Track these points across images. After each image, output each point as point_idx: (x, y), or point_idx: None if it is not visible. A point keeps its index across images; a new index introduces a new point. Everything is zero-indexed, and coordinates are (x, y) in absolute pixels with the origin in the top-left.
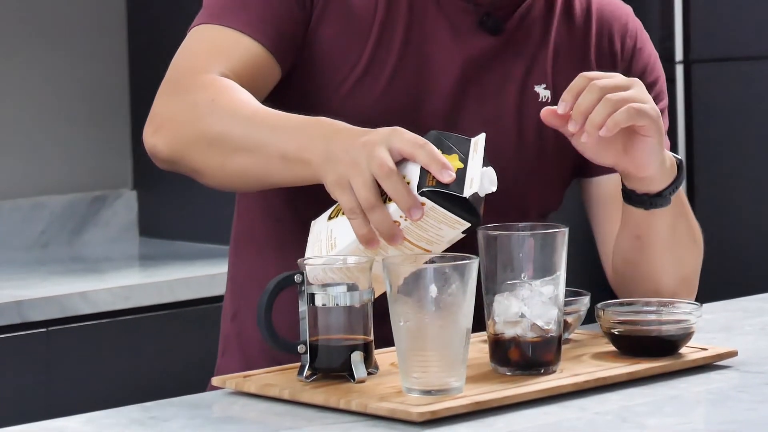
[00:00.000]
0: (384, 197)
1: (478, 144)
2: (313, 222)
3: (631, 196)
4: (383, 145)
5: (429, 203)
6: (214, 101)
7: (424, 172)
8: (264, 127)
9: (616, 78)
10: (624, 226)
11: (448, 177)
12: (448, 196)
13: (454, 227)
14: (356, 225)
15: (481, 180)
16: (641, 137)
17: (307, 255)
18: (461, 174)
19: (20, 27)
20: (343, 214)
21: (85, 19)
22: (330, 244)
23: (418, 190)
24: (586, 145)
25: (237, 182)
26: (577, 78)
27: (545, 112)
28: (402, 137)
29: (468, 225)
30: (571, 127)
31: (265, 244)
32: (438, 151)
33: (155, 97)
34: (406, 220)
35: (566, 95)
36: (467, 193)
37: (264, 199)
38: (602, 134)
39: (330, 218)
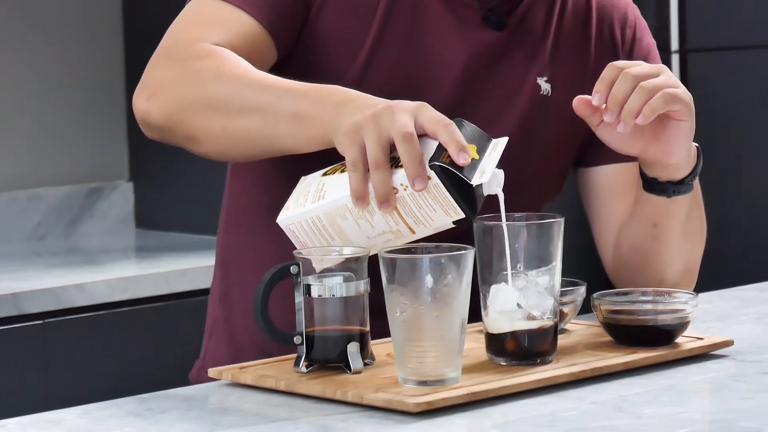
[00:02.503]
0: (391, 164)
1: (498, 145)
2: (303, 177)
3: (652, 185)
4: (409, 113)
5: (435, 179)
6: (220, 67)
7: (440, 150)
8: (275, 89)
9: (644, 65)
10: (639, 214)
11: (463, 159)
12: (456, 179)
13: (448, 213)
14: (354, 179)
15: (490, 177)
16: (675, 122)
17: (289, 203)
18: (474, 163)
19: (15, 19)
20: (341, 172)
21: (81, 12)
22: (318, 195)
23: (429, 163)
24: (616, 135)
25: (237, 147)
26: (607, 68)
27: (578, 102)
28: (429, 112)
29: (461, 216)
30: (607, 118)
31: (258, 228)
32: (460, 134)
33: (148, 65)
34: (405, 190)
35: (599, 86)
36: (475, 181)
37: (259, 184)
38: (639, 122)
39: (325, 174)
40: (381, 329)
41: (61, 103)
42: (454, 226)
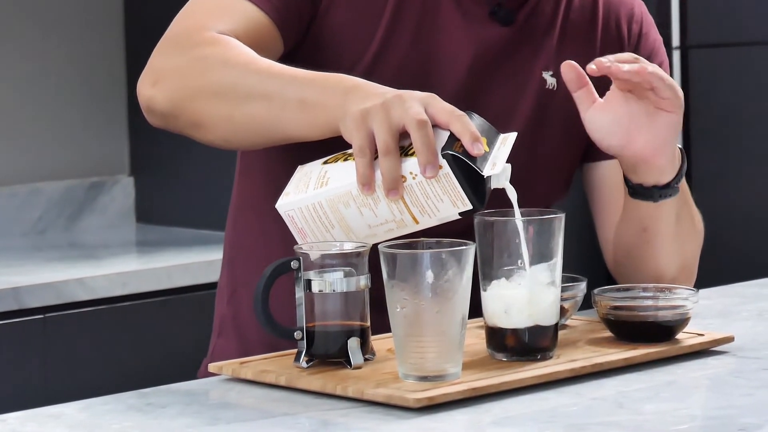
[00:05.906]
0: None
1: (507, 139)
2: (300, 165)
3: (637, 191)
4: (420, 102)
5: (446, 168)
6: (226, 54)
7: (452, 139)
8: (282, 76)
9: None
10: (628, 219)
11: (477, 150)
12: (466, 170)
13: (455, 204)
14: (361, 164)
15: (500, 170)
16: (664, 114)
17: (288, 189)
18: (485, 155)
19: (16, 13)
20: (345, 160)
21: (82, 5)
22: (321, 182)
23: (441, 152)
24: (603, 122)
25: (242, 134)
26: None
27: (566, 66)
28: (439, 103)
29: (468, 208)
30: (593, 66)
31: (266, 227)
32: (473, 124)
33: (153, 52)
34: (414, 178)
35: (602, 59)
36: (487, 172)
37: (269, 184)
38: (626, 69)
39: (326, 162)
40: (382, 323)
41: (62, 98)
42: (459, 217)
